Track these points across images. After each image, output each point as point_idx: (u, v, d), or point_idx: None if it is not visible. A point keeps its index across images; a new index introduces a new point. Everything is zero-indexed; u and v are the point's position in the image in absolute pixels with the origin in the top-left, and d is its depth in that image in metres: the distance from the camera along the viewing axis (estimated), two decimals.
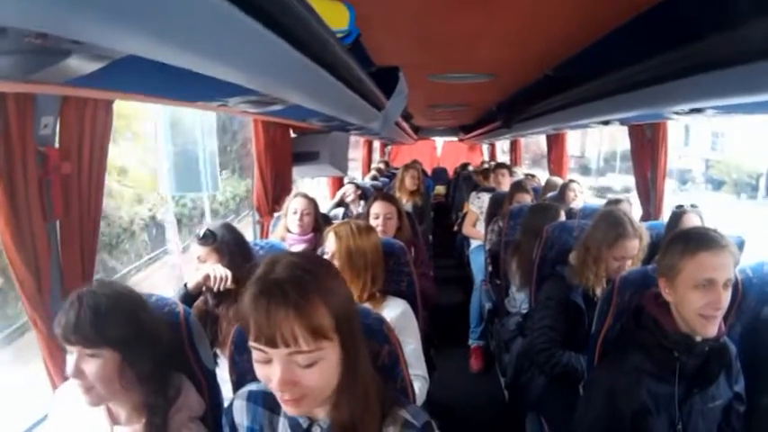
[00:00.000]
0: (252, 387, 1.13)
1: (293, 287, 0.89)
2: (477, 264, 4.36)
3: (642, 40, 1.65)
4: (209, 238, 1.93)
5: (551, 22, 2.00)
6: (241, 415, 1.11)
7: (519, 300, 2.96)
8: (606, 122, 2.72)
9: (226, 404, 1.23)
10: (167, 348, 1.26)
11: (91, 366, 1.14)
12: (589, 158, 16.53)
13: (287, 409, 0.95)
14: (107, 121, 1.50)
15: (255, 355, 0.91)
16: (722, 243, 1.36)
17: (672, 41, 1.43)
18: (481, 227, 4.52)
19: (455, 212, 7.18)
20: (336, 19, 1.49)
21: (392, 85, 2.65)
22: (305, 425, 1.02)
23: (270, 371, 0.90)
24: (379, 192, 3.44)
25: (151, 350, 1.20)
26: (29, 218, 1.33)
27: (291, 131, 3.40)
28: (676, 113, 1.94)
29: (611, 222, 2.07)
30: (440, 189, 10.01)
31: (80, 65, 0.90)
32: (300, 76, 1.31)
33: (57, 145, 1.41)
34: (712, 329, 1.36)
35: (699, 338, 1.40)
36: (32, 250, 1.34)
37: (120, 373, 1.16)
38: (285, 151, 3.26)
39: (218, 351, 1.83)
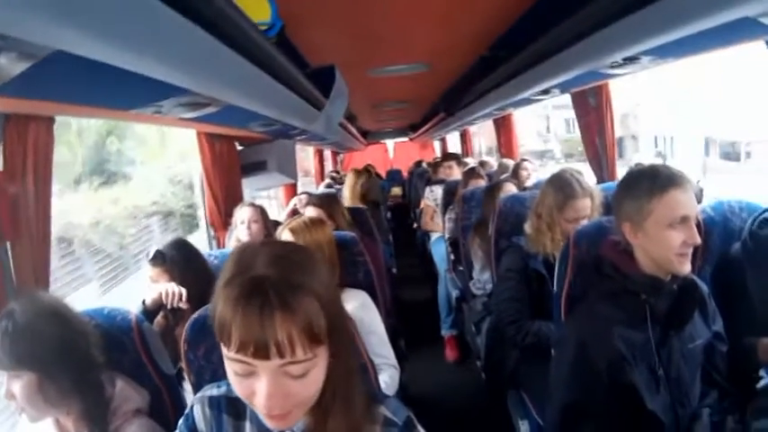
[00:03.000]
0: (212, 392, 1.00)
1: (285, 286, 0.76)
2: (439, 254, 4.38)
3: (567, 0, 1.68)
4: (158, 259, 1.94)
5: (481, 2, 2.03)
6: (205, 422, 0.99)
7: (483, 281, 2.96)
8: (546, 92, 2.75)
9: None
10: (94, 357, 1.24)
11: (16, 387, 1.13)
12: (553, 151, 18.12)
13: (272, 424, 0.82)
14: (49, 138, 1.51)
15: (235, 367, 0.78)
16: (686, 178, 1.35)
17: None
18: (438, 219, 4.55)
19: (413, 211, 7.21)
20: (257, 11, 1.47)
21: (330, 84, 2.64)
22: (276, 430, 0.90)
23: (253, 384, 0.77)
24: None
25: (71, 365, 1.18)
26: None
27: (237, 144, 3.35)
28: (612, 67, 1.96)
29: (558, 185, 2.07)
30: (396, 190, 10.08)
31: (7, 65, 0.88)
32: (228, 71, 1.31)
33: (0, 167, 1.41)
34: (688, 266, 1.35)
35: (667, 278, 1.39)
36: None
37: (40, 391, 1.14)
38: (232, 164, 3.20)
39: (183, 366, 1.78)
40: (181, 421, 1.01)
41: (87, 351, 1.22)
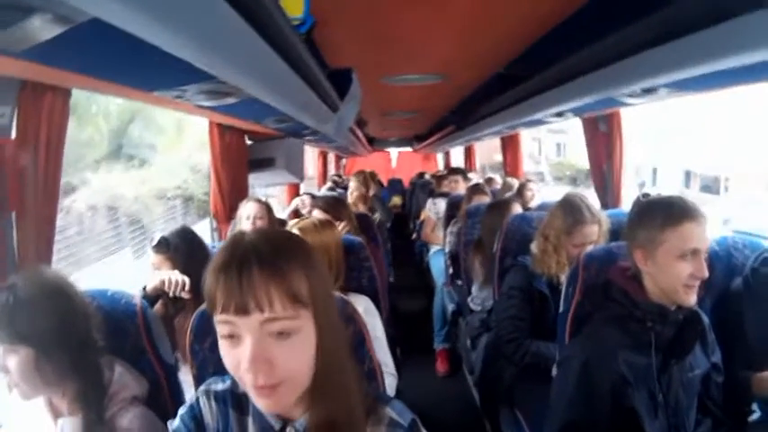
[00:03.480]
0: (217, 386, 1.00)
1: (269, 250, 0.81)
2: (438, 267, 4.38)
3: (589, 27, 1.70)
4: (162, 246, 1.93)
5: (502, 19, 2.04)
6: (212, 416, 0.99)
7: (482, 297, 2.96)
8: (560, 114, 2.76)
9: None
10: (94, 339, 1.22)
11: (11, 362, 1.12)
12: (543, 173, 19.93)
13: (261, 402, 0.82)
14: (64, 111, 1.47)
15: (222, 330, 0.80)
16: (701, 212, 1.36)
17: (618, 23, 1.47)
18: (439, 232, 4.55)
19: (412, 221, 7.20)
20: (292, 5, 1.48)
21: (346, 87, 2.64)
22: (277, 426, 0.91)
23: (238, 352, 0.79)
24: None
25: (69, 344, 1.16)
26: None
27: (247, 138, 3.35)
28: (630, 97, 1.97)
29: (568, 209, 2.07)
30: (396, 200, 10.05)
31: (41, 28, 0.86)
32: (257, 62, 1.30)
33: (13, 136, 1.38)
34: (694, 298, 1.37)
35: (673, 307, 1.40)
36: None
37: (37, 368, 1.13)
38: (241, 157, 3.20)
39: (178, 356, 1.76)
40: (183, 411, 1.00)
41: (87, 332, 1.21)
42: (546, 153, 22.11)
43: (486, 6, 1.88)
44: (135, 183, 5.99)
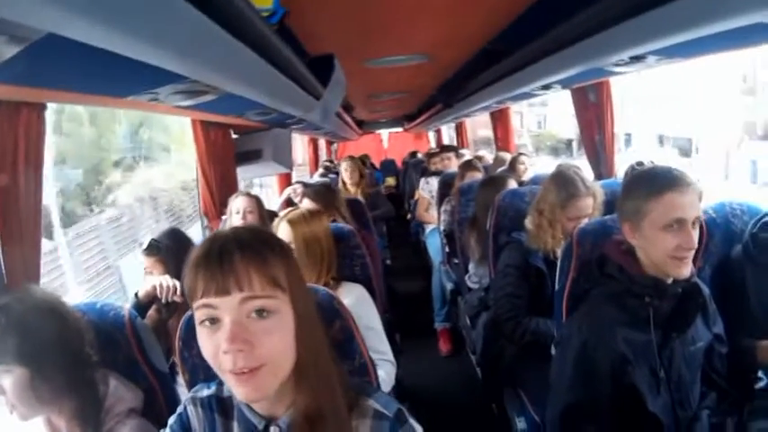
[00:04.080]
0: (202, 393, 1.02)
1: (250, 238, 0.85)
2: (434, 247, 4.35)
3: None
4: (153, 249, 1.94)
5: None
6: (199, 423, 1.00)
7: (479, 275, 2.94)
8: (547, 87, 2.73)
9: None
10: (88, 355, 1.22)
11: (6, 382, 1.11)
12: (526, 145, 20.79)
13: (240, 390, 0.82)
14: (40, 127, 1.46)
15: (201, 316, 0.82)
16: (687, 181, 1.32)
17: None
18: (434, 211, 4.52)
19: (407, 201, 7.18)
20: None
21: (328, 74, 2.61)
22: (260, 426, 0.91)
23: (218, 336, 0.80)
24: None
25: (64, 363, 1.16)
26: None
27: (232, 132, 3.31)
28: (617, 66, 1.94)
29: (561, 183, 2.04)
30: (390, 180, 10.05)
31: None
32: (228, 58, 1.28)
33: None
34: (685, 270, 1.34)
35: (670, 280, 1.37)
36: None
37: (32, 388, 1.12)
38: (227, 152, 3.17)
39: (176, 360, 1.76)
40: (172, 420, 1.02)
41: (81, 349, 1.21)
42: (527, 125, 22.98)
43: None
44: (165, 177, 6.99)
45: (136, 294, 1.75)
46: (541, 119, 21.79)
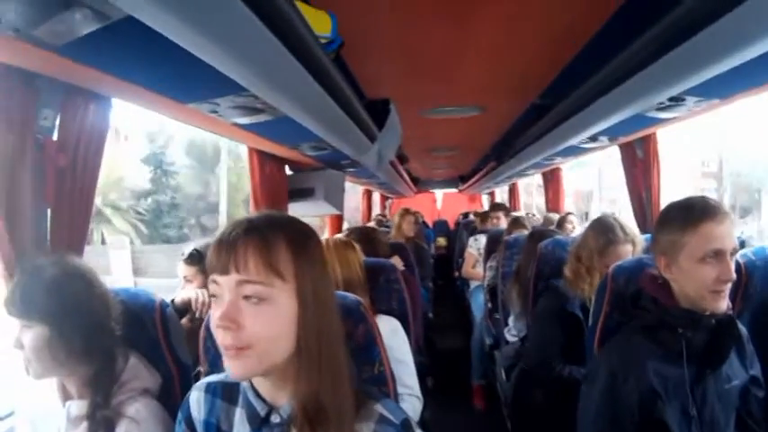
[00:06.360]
0: (211, 378, 1.05)
1: (261, 222, 0.88)
2: (477, 302, 4.32)
3: (612, 43, 1.68)
4: (194, 258, 1.97)
5: (530, 42, 2.07)
6: (198, 408, 1.03)
7: (518, 328, 2.90)
8: (594, 139, 2.75)
9: None
10: (110, 327, 1.26)
11: (26, 339, 1.16)
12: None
13: (228, 364, 0.86)
14: (105, 119, 1.56)
15: (211, 290, 0.87)
16: (723, 210, 1.29)
17: (635, 34, 1.47)
18: (480, 268, 4.50)
19: (456, 261, 7.14)
20: (318, 23, 1.53)
21: (384, 117, 2.69)
22: (263, 413, 0.92)
23: (218, 311, 0.85)
24: None
25: (84, 327, 1.20)
26: (21, 202, 1.37)
27: (287, 168, 3.44)
28: (659, 110, 1.95)
29: (600, 229, 2.03)
30: (441, 241, 10.01)
31: (80, 22, 0.93)
32: (287, 76, 1.32)
33: (55, 137, 1.47)
34: (723, 304, 1.28)
35: (705, 313, 1.31)
36: (22, 233, 1.37)
37: (49, 347, 1.16)
38: (281, 186, 3.27)
39: (201, 371, 1.80)
40: (179, 412, 1.07)
41: (104, 318, 1.25)
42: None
43: (510, 29, 1.91)
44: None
45: (172, 301, 1.80)
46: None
